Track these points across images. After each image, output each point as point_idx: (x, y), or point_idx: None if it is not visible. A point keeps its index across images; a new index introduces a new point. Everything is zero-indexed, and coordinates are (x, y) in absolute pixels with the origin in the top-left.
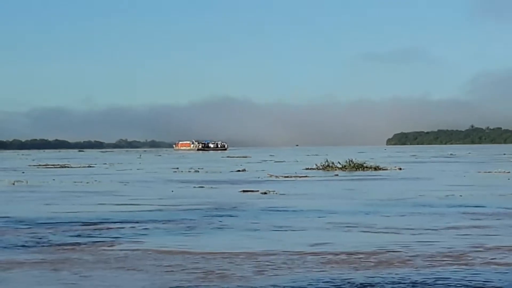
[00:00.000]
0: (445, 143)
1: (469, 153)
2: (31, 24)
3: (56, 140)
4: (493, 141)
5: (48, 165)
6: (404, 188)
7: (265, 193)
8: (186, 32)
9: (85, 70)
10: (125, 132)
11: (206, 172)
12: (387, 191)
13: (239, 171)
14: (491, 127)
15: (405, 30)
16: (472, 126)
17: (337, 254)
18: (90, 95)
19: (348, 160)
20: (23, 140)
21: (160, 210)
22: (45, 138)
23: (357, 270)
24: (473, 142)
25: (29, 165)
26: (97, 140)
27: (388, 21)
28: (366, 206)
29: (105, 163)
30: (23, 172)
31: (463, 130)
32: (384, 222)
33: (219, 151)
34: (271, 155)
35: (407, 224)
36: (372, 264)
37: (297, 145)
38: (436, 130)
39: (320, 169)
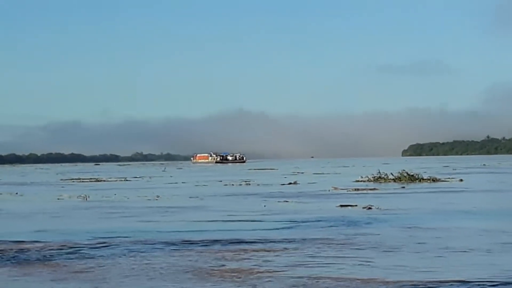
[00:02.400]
0: (461, 154)
1: (499, 163)
2: (47, 38)
3: (72, 153)
4: (509, 151)
5: (81, 179)
6: (506, 201)
7: (369, 208)
8: (200, 45)
9: (101, 84)
10: (141, 145)
11: (258, 185)
12: (495, 205)
13: (290, 183)
14: (507, 137)
15: (420, 42)
16: (488, 137)
17: None
18: (106, 108)
19: (401, 172)
20: (39, 154)
21: (288, 227)
22: (61, 152)
23: None
24: (489, 153)
25: (61, 180)
26: (112, 153)
27: (403, 33)
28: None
29: (136, 177)
30: (63, 187)
31: (479, 140)
32: None
33: (238, 164)
34: (296, 167)
35: None
36: None
37: (312, 157)
38: (451, 141)
39: (371, 180)
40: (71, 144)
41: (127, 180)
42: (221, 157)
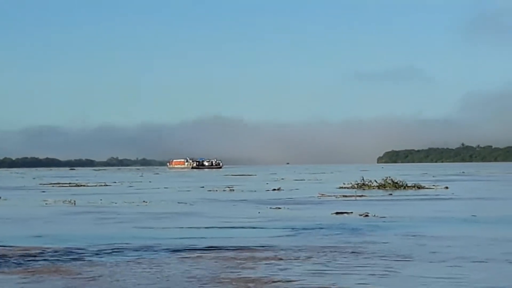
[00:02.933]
0: (436, 161)
1: (477, 171)
2: (23, 42)
3: (47, 158)
4: (483, 159)
5: (59, 183)
6: (501, 209)
7: (366, 215)
8: (177, 51)
9: (77, 89)
10: (116, 150)
11: (242, 191)
12: (492, 213)
13: (274, 190)
14: (482, 145)
15: (397, 49)
16: (463, 145)
17: None
18: (82, 113)
19: (385, 179)
20: (14, 158)
21: (291, 235)
22: (36, 156)
23: None
24: (463, 160)
25: (40, 184)
26: (88, 158)
27: (380, 40)
28: None
29: (115, 182)
30: (44, 192)
31: (453, 148)
32: None
33: (214, 169)
34: (273, 173)
35: None
36: None
37: (287, 163)
38: (427, 148)
39: (355, 187)
40: (46, 149)
41: (107, 185)
42: (197, 163)
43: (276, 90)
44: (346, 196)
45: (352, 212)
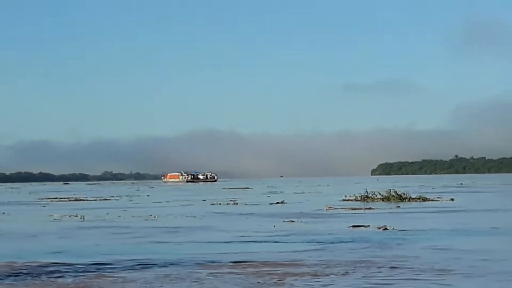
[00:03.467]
0: (430, 173)
1: (473, 182)
2: (14, 56)
3: (41, 173)
4: (477, 170)
5: (58, 198)
6: None
7: (384, 228)
8: (169, 63)
9: (70, 103)
10: (110, 165)
11: (246, 204)
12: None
13: (278, 203)
14: (475, 157)
15: (389, 61)
16: (456, 156)
17: None
18: (75, 127)
19: (389, 191)
20: (7, 173)
21: (316, 249)
22: (30, 171)
23: None
24: (457, 172)
25: (39, 199)
26: (81, 172)
27: (372, 52)
28: None
29: (113, 196)
30: (44, 206)
31: (447, 160)
32: None
33: (209, 183)
34: (270, 186)
35: None
36: None
37: (281, 176)
38: (420, 160)
39: (358, 200)
40: (41, 163)
41: (106, 200)
42: (192, 176)
43: (269, 103)
44: (354, 208)
45: (369, 226)
